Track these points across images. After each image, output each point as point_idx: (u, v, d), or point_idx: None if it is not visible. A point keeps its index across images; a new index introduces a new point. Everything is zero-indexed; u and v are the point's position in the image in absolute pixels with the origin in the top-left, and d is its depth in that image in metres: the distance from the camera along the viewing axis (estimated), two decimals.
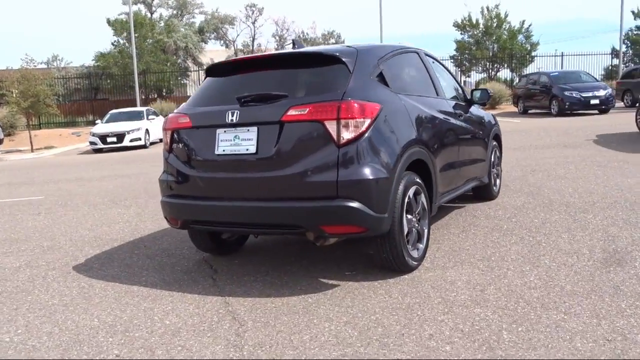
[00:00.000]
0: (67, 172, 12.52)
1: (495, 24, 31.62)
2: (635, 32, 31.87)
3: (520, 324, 2.86)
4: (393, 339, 2.79)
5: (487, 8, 32.11)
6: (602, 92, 19.06)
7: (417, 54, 4.67)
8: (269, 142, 3.45)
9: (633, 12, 30.08)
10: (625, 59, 28.64)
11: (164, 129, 3.98)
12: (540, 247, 4.19)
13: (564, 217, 5.04)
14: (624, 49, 29.44)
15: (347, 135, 3.29)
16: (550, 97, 19.93)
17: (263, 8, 37.26)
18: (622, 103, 21.73)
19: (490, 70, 32.33)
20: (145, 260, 4.58)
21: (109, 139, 18.50)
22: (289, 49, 4.23)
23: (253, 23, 36.92)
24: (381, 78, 3.76)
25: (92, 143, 18.87)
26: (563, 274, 3.57)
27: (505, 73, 32.31)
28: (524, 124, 17.23)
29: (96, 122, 20.73)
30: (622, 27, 27.26)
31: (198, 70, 34.13)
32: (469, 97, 5.52)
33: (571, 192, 6.18)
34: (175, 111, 4.02)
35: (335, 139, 3.29)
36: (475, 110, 5.64)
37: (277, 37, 36.92)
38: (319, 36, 36.66)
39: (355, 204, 3.26)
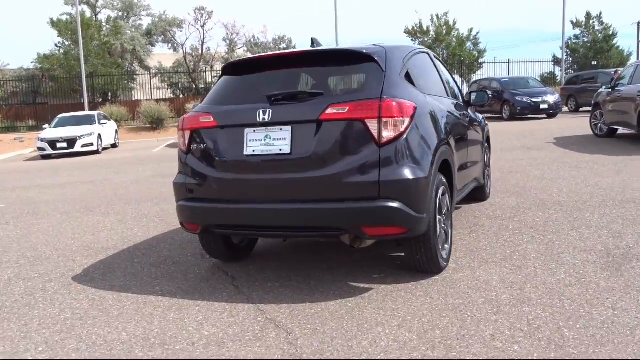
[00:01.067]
0: (21, 180, 11.81)
1: (444, 31, 32.50)
2: (573, 41, 33.60)
3: (576, 321, 2.87)
4: (456, 341, 2.73)
5: (437, 15, 33.01)
6: (550, 98, 19.93)
7: (428, 54, 4.67)
8: (304, 141, 3.33)
9: (572, 22, 31.72)
10: (565, 65, 30.11)
11: (181, 129, 3.78)
12: (555, 245, 4.25)
13: (564, 216, 5.16)
14: (561, 55, 30.90)
15: (388, 134, 3.22)
16: (502, 102, 20.62)
17: (212, 11, 36.69)
18: (567, 108, 22.81)
19: None
20: (150, 269, 4.33)
21: (59, 145, 17.61)
22: (240, 53, 4.07)
23: (202, 26, 36.27)
24: (408, 77, 3.72)
25: (40, 149, 17.90)
26: (591, 271, 3.63)
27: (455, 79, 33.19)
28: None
29: (43, 127, 19.70)
30: (564, 36, 28.71)
31: (150, 74, 33.21)
32: (466, 99, 5.57)
33: (557, 192, 6.35)
34: (193, 110, 3.82)
35: (377, 138, 3.22)
36: (471, 112, 5.70)
37: (228, 41, 36.43)
38: (270, 41, 36.47)
39: (397, 205, 3.19)
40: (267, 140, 3.42)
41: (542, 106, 19.56)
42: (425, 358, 2.58)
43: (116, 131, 21.01)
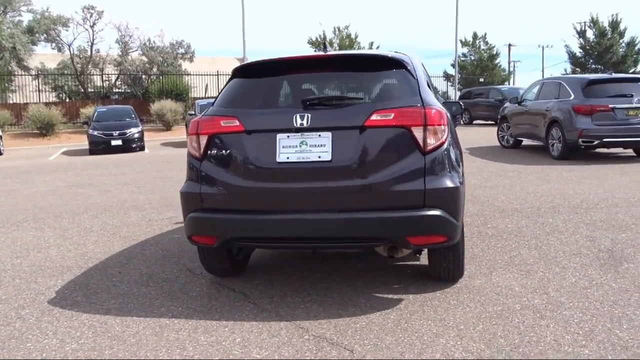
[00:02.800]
0: None
1: (347, 44, 33.34)
2: (462, 59, 36.12)
3: (621, 322, 3.02)
4: (525, 348, 2.75)
5: (339, 28, 33.80)
6: None
7: (422, 63, 4.71)
8: (346, 148, 3.19)
9: (461, 41, 34.13)
10: (455, 81, 32.30)
11: (197, 133, 3.45)
12: (544, 250, 4.47)
13: (530, 222, 5.45)
14: (453, 72, 33.07)
15: (432, 142, 3.19)
16: None
17: (103, 11, 34.35)
18: (461, 121, 24.45)
19: None
20: (140, 289, 3.91)
21: None
22: (134, 57, 3.86)
23: (92, 27, 33.90)
24: (429, 85, 3.73)
25: None
26: (595, 273, 3.85)
27: None
28: None
29: None
30: (456, 53, 30.76)
31: (33, 75, 30.36)
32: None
33: (506, 199, 6.71)
34: (208, 114, 3.50)
35: (422, 145, 3.17)
36: None
37: (121, 44, 34.43)
38: (167, 45, 35.03)
39: (441, 213, 3.16)
40: (304, 147, 3.23)
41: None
42: None
43: (0, 137, 18.96)
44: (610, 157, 10.83)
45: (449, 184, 3.20)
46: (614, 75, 11.60)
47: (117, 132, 17.70)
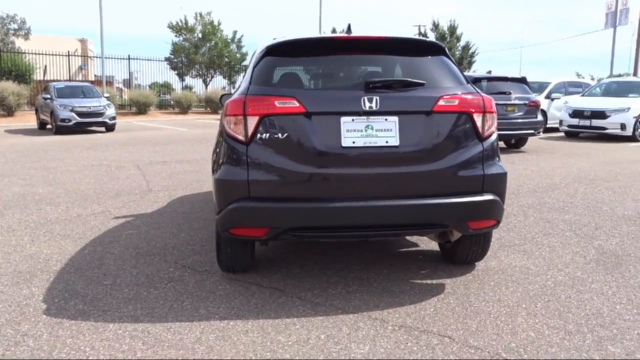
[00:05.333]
0: None
1: (209, 31, 32.30)
2: None
3: None
4: (597, 320, 2.97)
5: (201, 14, 32.58)
6: None
7: None
8: (412, 133, 3.13)
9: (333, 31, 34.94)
10: None
11: (241, 114, 3.10)
12: (533, 229, 4.85)
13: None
14: None
15: (487, 128, 3.27)
16: None
17: None
18: None
19: (206, 76, 32.86)
20: (149, 291, 3.44)
21: None
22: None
23: None
24: None
25: None
26: (591, 253, 4.28)
27: (218, 80, 33.28)
28: None
29: None
30: None
31: None
32: None
33: None
34: (254, 92, 3.16)
35: (481, 131, 3.23)
36: None
37: None
38: None
39: (496, 198, 3.27)
40: (369, 131, 3.10)
41: None
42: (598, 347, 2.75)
43: None
44: None
45: (501, 169, 3.32)
46: (493, 75, 12.88)
47: None
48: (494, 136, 3.32)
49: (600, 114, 13.78)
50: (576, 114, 14.22)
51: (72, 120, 16.09)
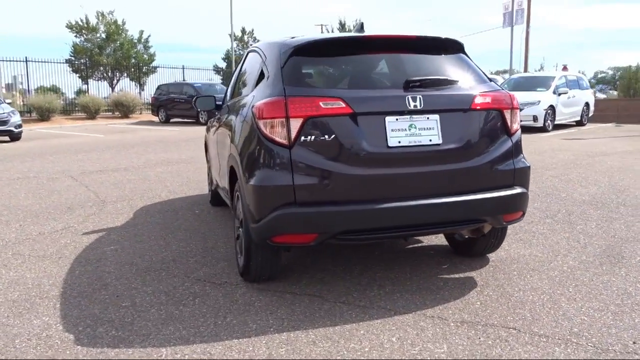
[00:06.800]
0: None
1: (113, 30, 30.55)
2: (237, 53, 36.52)
3: None
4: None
5: (103, 13, 30.69)
6: None
7: None
8: (452, 131, 3.16)
9: (230, 36, 34.32)
10: (223, 75, 32.55)
11: (285, 116, 2.97)
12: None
13: None
14: (224, 65, 33.33)
15: (514, 124, 3.39)
16: None
17: None
18: (157, 119, 22.91)
19: (112, 79, 30.96)
20: (181, 309, 3.21)
21: None
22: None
23: None
24: None
25: None
26: (581, 238, 4.57)
27: (125, 82, 31.44)
28: (189, 131, 17.66)
29: None
30: (232, 46, 30.98)
31: None
32: None
33: None
34: (293, 94, 3.03)
35: (510, 127, 3.34)
36: None
37: None
38: None
39: (525, 190, 3.40)
40: (413, 130, 3.09)
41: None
42: None
43: None
44: None
45: (527, 163, 3.45)
46: None
47: None
48: (519, 131, 3.45)
49: None
50: None
51: None
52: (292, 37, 3.55)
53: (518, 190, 3.34)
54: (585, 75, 25.62)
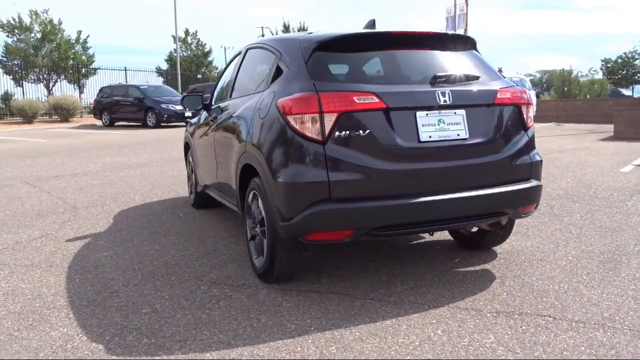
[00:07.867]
0: None
1: (49, 30, 29.03)
2: (175, 55, 35.61)
3: None
4: None
5: (36, 12, 29.10)
6: None
7: None
8: (477, 126, 3.21)
9: (173, 37, 33.48)
10: (170, 77, 31.75)
11: (319, 112, 2.91)
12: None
13: None
14: (166, 67, 32.50)
15: (529, 119, 3.49)
16: (145, 110, 20.44)
17: None
18: (101, 122, 22.13)
19: (48, 81, 29.35)
20: (211, 315, 3.09)
21: None
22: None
23: None
24: None
25: None
26: (573, 230, 4.77)
27: (63, 85, 29.85)
28: (139, 134, 17.12)
29: None
30: (177, 47, 30.18)
31: None
32: None
33: None
34: (327, 89, 2.98)
35: (525, 122, 3.44)
36: None
37: None
38: None
39: (540, 183, 3.51)
40: (442, 125, 3.12)
41: (187, 114, 20.38)
42: None
43: None
44: None
45: (540, 156, 3.56)
46: None
47: None
48: (533, 126, 3.56)
49: None
50: None
51: None
52: (310, 33, 3.51)
53: (534, 182, 3.45)
54: (527, 77, 26.89)
